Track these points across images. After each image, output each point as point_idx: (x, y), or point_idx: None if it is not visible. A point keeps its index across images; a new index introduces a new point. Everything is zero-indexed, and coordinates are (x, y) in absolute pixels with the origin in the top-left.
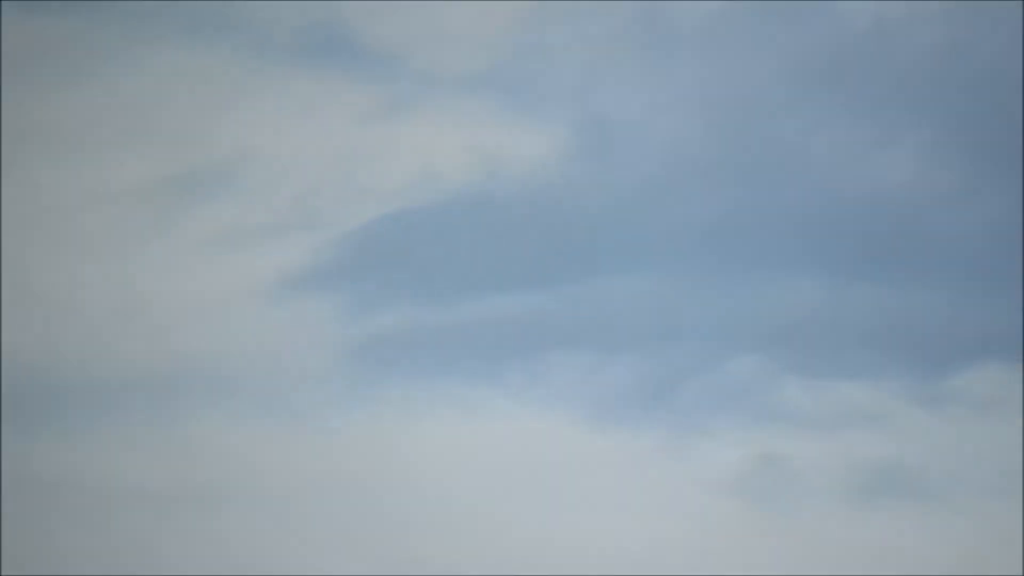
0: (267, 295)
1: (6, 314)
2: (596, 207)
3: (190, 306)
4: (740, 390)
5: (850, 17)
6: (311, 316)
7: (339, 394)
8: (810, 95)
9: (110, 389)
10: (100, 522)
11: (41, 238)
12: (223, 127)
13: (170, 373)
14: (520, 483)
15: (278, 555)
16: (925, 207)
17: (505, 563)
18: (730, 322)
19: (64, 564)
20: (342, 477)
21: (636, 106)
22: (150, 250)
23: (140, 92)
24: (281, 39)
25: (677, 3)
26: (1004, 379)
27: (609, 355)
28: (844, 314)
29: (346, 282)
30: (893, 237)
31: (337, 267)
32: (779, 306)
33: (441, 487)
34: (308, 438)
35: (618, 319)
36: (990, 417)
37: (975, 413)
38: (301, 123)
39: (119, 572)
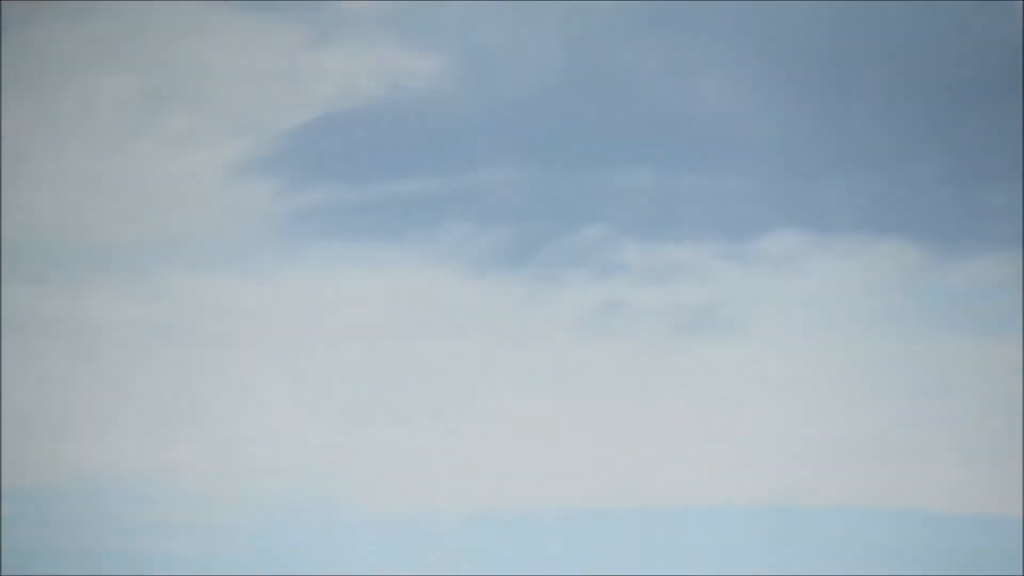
0: (220, 180)
1: (17, 192)
2: (477, 113)
3: (163, 187)
4: (589, 251)
5: None
6: (254, 196)
7: (275, 254)
8: (643, 30)
9: (100, 248)
10: (88, 352)
11: (44, 136)
12: (187, 54)
13: (146, 238)
14: (417, 321)
15: (229, 376)
16: (733, 116)
17: (404, 378)
18: (580, 200)
19: (57, 392)
20: (277, 317)
21: (509, 39)
22: (131, 146)
23: (122, 28)
24: None
25: None
26: (797, 242)
27: (486, 225)
28: (672, 193)
29: (281, 170)
30: (707, 137)
31: (275, 159)
32: (619, 187)
33: (354, 325)
34: (251, 287)
35: (494, 198)
36: (784, 272)
37: (774, 269)
38: (246, 51)
39: (106, 391)
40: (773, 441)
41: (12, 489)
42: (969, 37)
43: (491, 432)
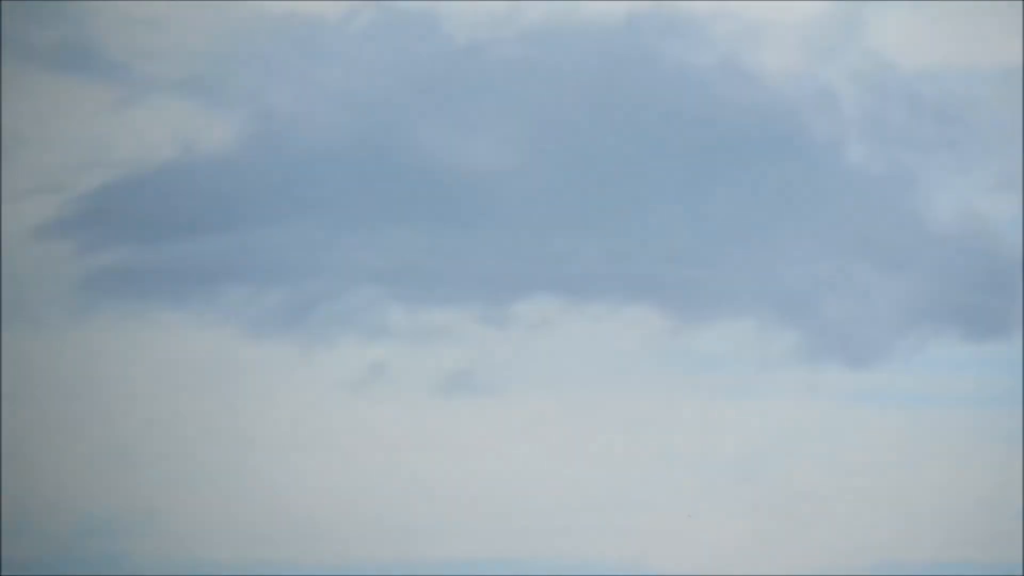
0: (24, 241)
1: None
2: (262, 176)
3: None
4: (359, 312)
5: (449, 38)
6: (54, 256)
7: (72, 312)
8: (420, 98)
9: None
10: None
11: None
12: None
13: None
14: (195, 381)
15: (27, 433)
16: (492, 177)
17: (182, 435)
18: (350, 262)
19: None
20: (71, 374)
21: (296, 105)
22: None
23: None
24: (40, 49)
25: (331, 27)
26: (552, 306)
27: (263, 287)
28: (436, 257)
29: (79, 231)
30: (475, 198)
31: (74, 220)
32: (387, 251)
33: (138, 382)
34: (49, 343)
35: (271, 259)
36: (540, 335)
37: (530, 332)
38: (47, 113)
39: None
40: (521, 495)
41: None
42: (724, 108)
43: (256, 489)
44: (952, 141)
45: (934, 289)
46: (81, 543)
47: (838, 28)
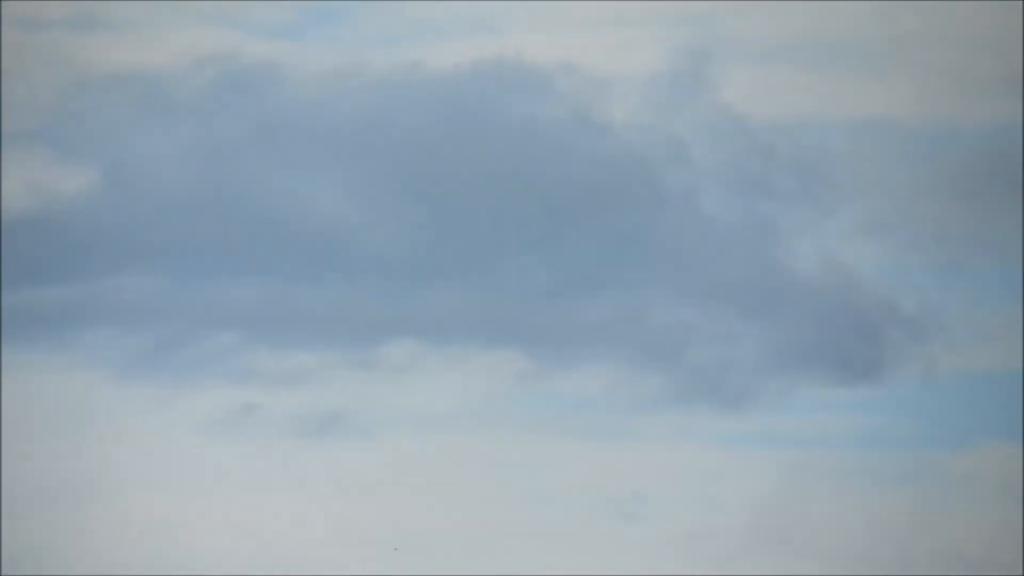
0: None
1: None
2: (120, 223)
3: None
4: (224, 356)
5: (294, 92)
6: None
7: None
8: (268, 149)
9: None
10: None
11: None
12: None
13: None
14: (57, 423)
15: None
16: (352, 229)
17: (50, 475)
18: (214, 308)
19: None
20: None
21: (150, 152)
22: None
23: None
24: None
25: (179, 79)
26: (416, 349)
27: (129, 330)
28: (298, 302)
29: None
30: (329, 247)
31: None
32: (251, 297)
33: (8, 447)
34: None
35: (131, 304)
36: (405, 378)
37: (396, 375)
38: None
39: None
40: (389, 535)
41: None
42: (575, 158)
43: (120, 531)
44: (808, 191)
45: (800, 333)
46: None
47: (687, 81)
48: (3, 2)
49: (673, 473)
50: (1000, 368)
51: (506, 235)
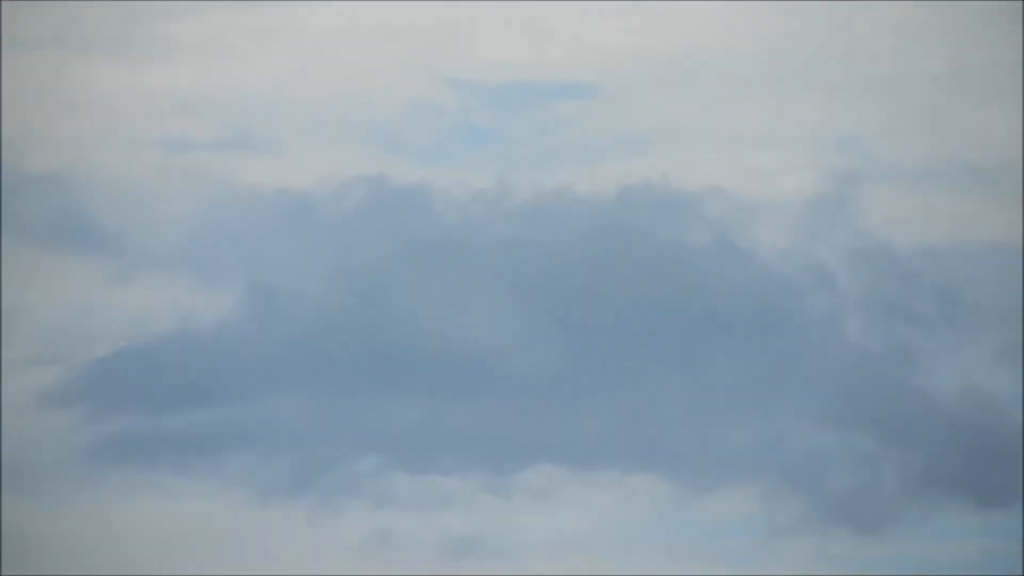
0: (26, 411)
1: None
2: (261, 347)
3: None
4: (363, 481)
5: (441, 214)
6: (59, 425)
7: (76, 480)
8: (415, 271)
9: None
10: None
11: None
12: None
13: None
14: (201, 547)
15: None
16: (497, 353)
17: None
18: (356, 431)
19: None
20: (74, 541)
21: (291, 278)
22: None
23: None
24: (40, 227)
25: (325, 203)
26: (557, 474)
27: (268, 454)
28: (438, 426)
29: (83, 401)
30: (474, 371)
31: (77, 390)
32: (392, 420)
33: (144, 549)
34: (52, 511)
35: (274, 428)
36: (545, 503)
37: (535, 500)
38: (49, 288)
39: None
40: None
41: None
42: (719, 283)
43: None
44: (949, 317)
45: (938, 459)
46: None
47: (831, 207)
48: (150, 123)
49: None
50: None
51: (649, 360)
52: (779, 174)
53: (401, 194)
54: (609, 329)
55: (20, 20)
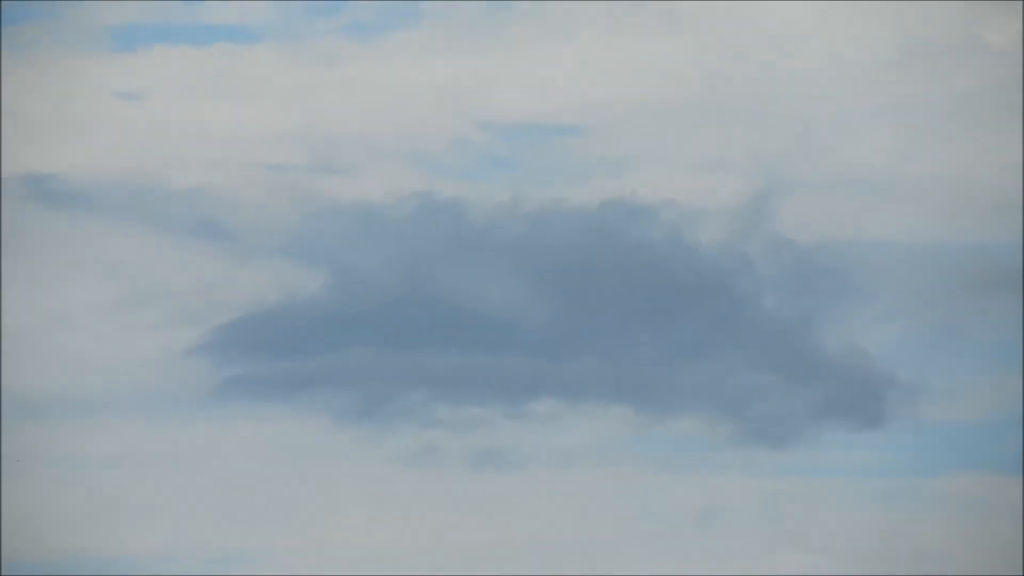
0: (177, 357)
1: None
2: (344, 314)
3: (134, 360)
4: (415, 409)
5: (473, 219)
6: (197, 368)
7: (207, 408)
8: (454, 261)
9: (85, 395)
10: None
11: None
12: (150, 270)
13: (122, 395)
14: (298, 461)
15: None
16: (515, 318)
17: (287, 500)
18: (409, 374)
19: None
20: (206, 453)
21: (368, 262)
22: (118, 331)
23: (104, 241)
24: (183, 226)
25: (386, 210)
26: (555, 405)
27: (346, 391)
28: (471, 370)
29: (213, 352)
30: (496, 330)
31: (209, 345)
32: (436, 366)
33: (256, 458)
34: (192, 430)
35: (351, 372)
36: (550, 428)
37: (542, 425)
38: (188, 270)
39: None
40: (540, 535)
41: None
42: (675, 268)
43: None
44: (839, 293)
45: (830, 395)
46: None
47: (753, 213)
48: (261, 151)
49: (739, 494)
50: (966, 418)
51: (625, 322)
52: (716, 189)
53: (443, 204)
54: (595, 301)
55: (172, 68)
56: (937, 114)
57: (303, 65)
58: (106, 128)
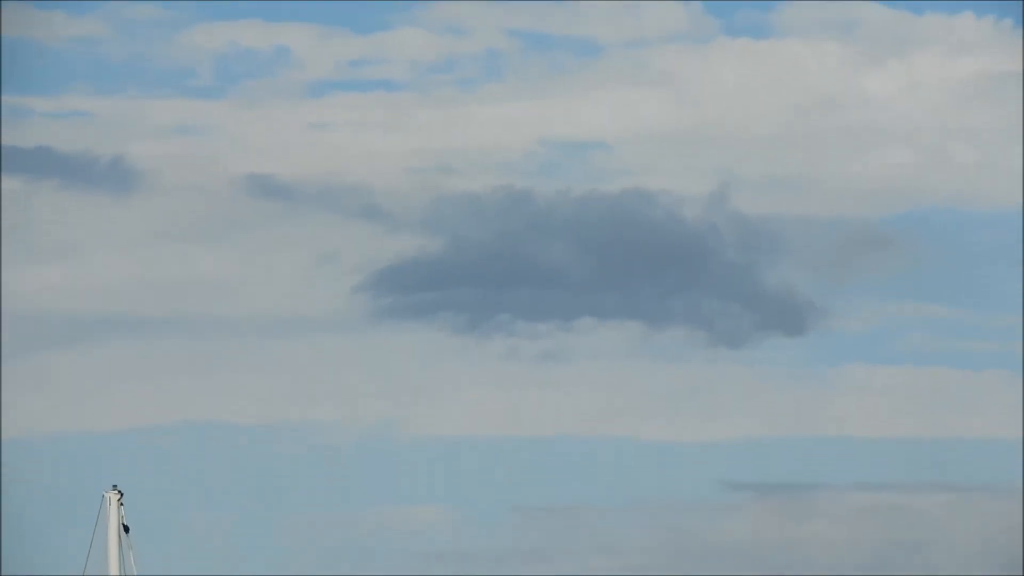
0: (350, 294)
1: None
2: (457, 263)
3: (319, 295)
4: (503, 326)
5: (541, 207)
6: (363, 298)
7: (370, 325)
8: (529, 233)
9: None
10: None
11: None
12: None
13: (306, 321)
14: (421, 367)
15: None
16: (564, 267)
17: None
18: (500, 306)
19: None
20: (372, 368)
21: (480, 234)
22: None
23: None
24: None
25: (491, 207)
26: (591, 321)
27: (461, 314)
28: (539, 301)
29: (374, 288)
30: (554, 280)
31: (371, 283)
32: (516, 299)
33: (403, 366)
34: (359, 339)
35: (466, 304)
36: (589, 337)
37: (583, 335)
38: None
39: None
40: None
41: None
42: (650, 232)
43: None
44: (774, 251)
45: (768, 315)
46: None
47: (719, 197)
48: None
49: (710, 378)
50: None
51: (637, 270)
52: (695, 183)
53: (519, 194)
54: (617, 256)
55: (345, 108)
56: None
57: (430, 104)
58: (303, 146)
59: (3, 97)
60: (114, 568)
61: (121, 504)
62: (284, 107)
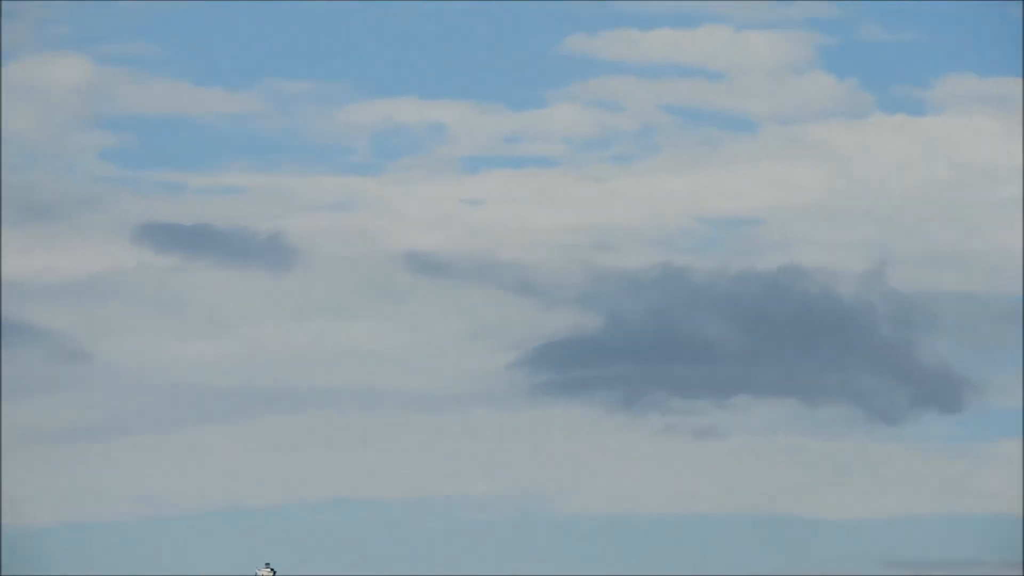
0: (505, 371)
1: None
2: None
3: (475, 370)
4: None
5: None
6: (519, 379)
7: (525, 402)
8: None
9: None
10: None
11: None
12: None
13: (459, 398)
14: (578, 438)
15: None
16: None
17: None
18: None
19: None
20: (527, 447)
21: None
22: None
23: None
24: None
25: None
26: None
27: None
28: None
29: (530, 365)
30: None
31: (527, 360)
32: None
33: (557, 443)
34: (514, 417)
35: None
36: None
37: (738, 407)
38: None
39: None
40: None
41: None
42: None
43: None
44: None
45: (922, 390)
46: None
47: (875, 274)
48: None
49: (867, 454)
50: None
51: (792, 346)
52: (849, 259)
53: (675, 270)
54: (773, 332)
55: (499, 184)
56: None
57: (585, 181)
58: (458, 222)
59: (159, 173)
60: None
61: None
62: (439, 183)
